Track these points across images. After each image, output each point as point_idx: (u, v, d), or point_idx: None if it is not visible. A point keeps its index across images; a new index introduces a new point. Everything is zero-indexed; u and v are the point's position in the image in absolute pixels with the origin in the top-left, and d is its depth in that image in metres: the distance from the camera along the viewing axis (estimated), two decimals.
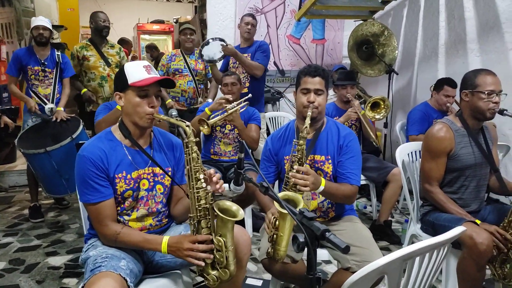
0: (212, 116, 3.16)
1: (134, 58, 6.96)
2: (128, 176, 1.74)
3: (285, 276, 1.95)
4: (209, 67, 3.90)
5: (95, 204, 1.68)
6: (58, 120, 3.56)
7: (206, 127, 3.07)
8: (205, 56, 3.68)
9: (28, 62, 3.64)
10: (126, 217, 1.79)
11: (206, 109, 3.17)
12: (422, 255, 1.29)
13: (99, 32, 3.96)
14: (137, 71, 1.71)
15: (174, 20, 10.20)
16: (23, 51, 3.73)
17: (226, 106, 3.10)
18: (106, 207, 1.69)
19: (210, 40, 3.71)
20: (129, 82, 1.70)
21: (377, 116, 3.51)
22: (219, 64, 4.01)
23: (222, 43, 3.63)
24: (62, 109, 3.66)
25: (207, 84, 4.47)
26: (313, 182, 1.84)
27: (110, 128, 1.82)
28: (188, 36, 4.16)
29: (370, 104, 3.55)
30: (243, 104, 3.22)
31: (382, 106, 3.55)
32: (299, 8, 4.90)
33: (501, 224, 2.08)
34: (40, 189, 3.78)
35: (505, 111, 2.25)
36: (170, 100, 4.09)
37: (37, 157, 3.24)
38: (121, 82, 1.73)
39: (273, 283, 2.11)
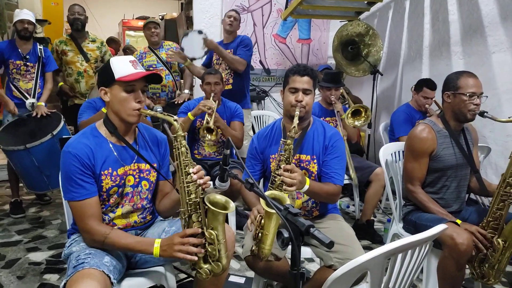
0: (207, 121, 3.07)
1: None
2: (114, 172, 1.72)
3: (268, 274, 1.96)
4: (187, 66, 3.78)
5: (79, 202, 1.64)
6: (39, 116, 3.47)
7: (214, 133, 3.04)
8: (186, 52, 3.59)
9: (10, 56, 3.58)
10: (111, 215, 1.77)
11: (189, 114, 3.11)
12: (404, 252, 1.30)
13: (71, 25, 3.91)
14: (124, 66, 1.69)
15: (160, 17, 10.09)
16: (5, 44, 3.65)
17: (208, 111, 3.04)
18: (91, 205, 1.65)
19: (189, 32, 3.62)
20: (116, 77, 1.67)
21: (356, 123, 3.49)
22: (202, 59, 3.97)
23: (203, 36, 3.53)
24: (43, 104, 3.59)
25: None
26: (300, 181, 1.85)
27: (94, 124, 1.80)
28: (153, 30, 4.11)
29: (351, 111, 3.53)
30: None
31: (363, 114, 3.54)
32: (286, 7, 4.92)
33: (480, 225, 2.13)
34: (21, 184, 3.72)
35: (485, 113, 2.29)
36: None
37: (16, 153, 3.17)
38: (107, 77, 1.70)
39: (256, 281, 2.11)
